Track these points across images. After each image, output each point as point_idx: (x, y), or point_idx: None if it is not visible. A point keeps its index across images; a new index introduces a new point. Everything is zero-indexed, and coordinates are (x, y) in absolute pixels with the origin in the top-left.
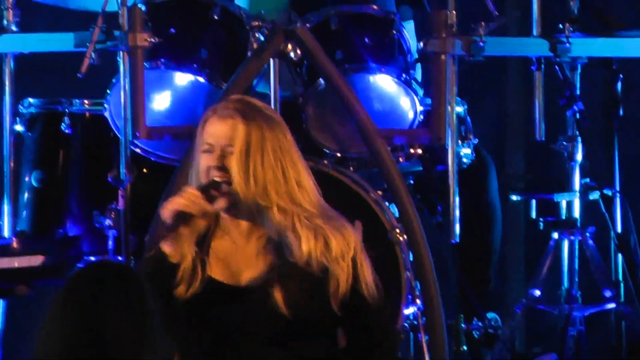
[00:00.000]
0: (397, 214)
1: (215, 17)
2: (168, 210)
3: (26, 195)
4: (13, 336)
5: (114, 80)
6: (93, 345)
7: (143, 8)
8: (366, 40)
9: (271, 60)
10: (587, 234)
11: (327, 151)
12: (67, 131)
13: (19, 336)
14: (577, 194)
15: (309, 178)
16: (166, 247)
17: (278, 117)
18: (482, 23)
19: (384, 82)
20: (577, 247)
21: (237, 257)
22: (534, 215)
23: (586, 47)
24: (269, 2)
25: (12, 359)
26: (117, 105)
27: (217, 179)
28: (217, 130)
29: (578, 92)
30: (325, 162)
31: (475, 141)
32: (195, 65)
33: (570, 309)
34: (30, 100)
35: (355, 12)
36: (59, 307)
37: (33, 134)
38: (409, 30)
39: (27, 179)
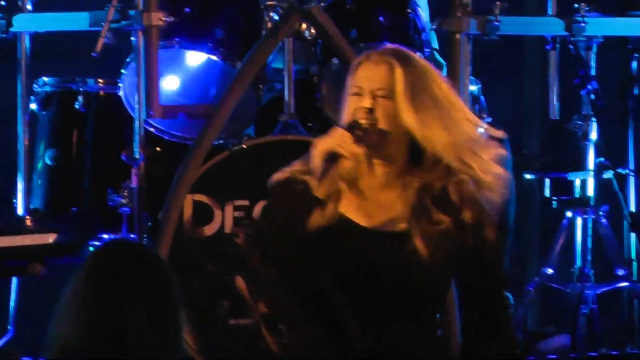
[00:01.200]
0: None
1: None
2: (318, 150)
3: (40, 173)
4: (25, 314)
5: (128, 60)
6: (114, 325)
7: None
8: (381, 19)
9: (286, 40)
10: (601, 213)
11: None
12: (81, 110)
13: (31, 314)
14: (591, 173)
15: (462, 125)
16: (313, 181)
17: (431, 66)
18: (497, 2)
19: None
20: (590, 225)
21: (376, 200)
22: (547, 193)
23: (601, 27)
24: None
25: (24, 337)
26: (131, 84)
27: (362, 121)
28: (368, 74)
29: (593, 71)
30: None
31: (489, 120)
32: (210, 45)
33: (583, 288)
34: (45, 79)
35: None
36: (80, 286)
37: (47, 112)
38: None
39: (41, 157)
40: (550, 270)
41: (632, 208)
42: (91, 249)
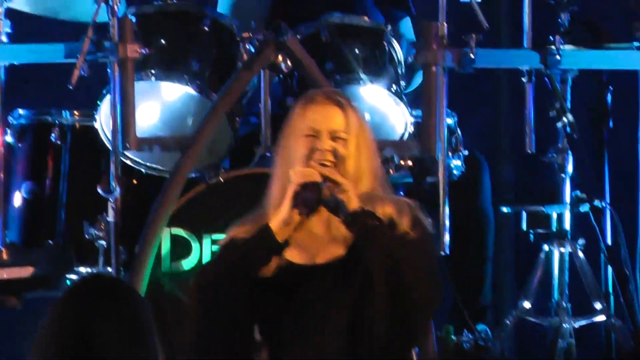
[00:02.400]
0: None
1: (206, 29)
2: (294, 184)
3: (16, 206)
4: (0, 347)
5: (104, 91)
6: (87, 356)
7: (133, 19)
8: (357, 51)
9: (262, 72)
10: (578, 246)
11: None
12: (57, 142)
13: (5, 347)
14: (568, 206)
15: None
16: (274, 224)
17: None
18: (473, 35)
19: (374, 94)
20: (567, 259)
21: (316, 242)
22: (524, 226)
23: (576, 60)
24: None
25: None
26: (107, 116)
27: (326, 162)
28: (323, 115)
29: (568, 104)
30: None
31: (466, 152)
32: (185, 77)
33: (560, 321)
34: (20, 111)
35: (345, 23)
36: (55, 320)
37: (23, 144)
38: (406, 27)
39: (17, 189)
40: (527, 304)
41: (609, 241)
42: (67, 282)
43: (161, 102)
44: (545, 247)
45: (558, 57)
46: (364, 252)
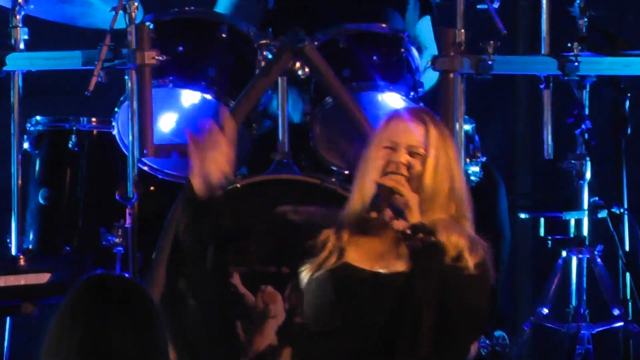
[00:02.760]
0: None
1: (223, 35)
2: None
3: (33, 213)
4: (18, 355)
5: (121, 99)
6: (96, 358)
7: (151, 26)
8: (374, 58)
9: (279, 79)
10: (596, 252)
11: (335, 169)
12: (74, 149)
13: (25, 354)
14: (586, 212)
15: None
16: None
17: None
18: (491, 42)
19: (392, 100)
20: (585, 265)
21: (380, 252)
22: (542, 233)
23: (594, 66)
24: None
25: None
26: (124, 123)
27: (399, 175)
28: (405, 129)
29: (586, 110)
30: (333, 179)
31: (484, 159)
32: (203, 83)
33: (578, 327)
34: (38, 118)
35: (363, 30)
36: (64, 321)
37: (40, 151)
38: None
39: (34, 196)
40: (545, 310)
41: (627, 247)
42: None
43: (178, 109)
44: (563, 254)
45: (576, 63)
46: (414, 269)
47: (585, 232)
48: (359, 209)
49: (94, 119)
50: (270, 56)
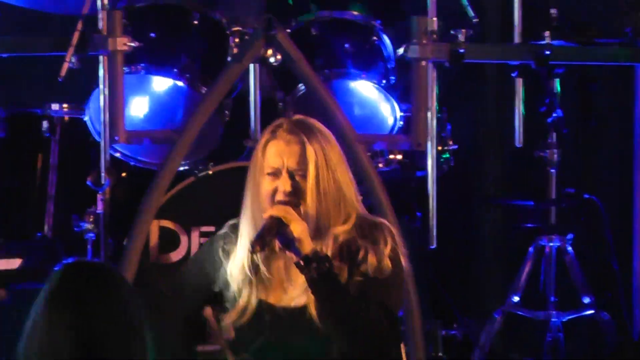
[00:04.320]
0: None
1: (195, 22)
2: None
3: (4, 198)
4: None
5: (93, 85)
6: (79, 345)
7: (123, 12)
8: (346, 46)
9: (251, 65)
10: (566, 240)
11: None
12: (46, 135)
13: None
14: (556, 201)
15: (352, 188)
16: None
17: (328, 131)
18: (463, 30)
19: (364, 88)
20: (555, 253)
21: (283, 284)
22: (513, 221)
23: (565, 55)
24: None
25: None
26: (96, 109)
27: (287, 201)
28: (282, 152)
29: (557, 99)
30: None
31: (455, 147)
32: (175, 70)
33: (549, 315)
34: (9, 104)
35: (335, 17)
36: (44, 309)
37: (12, 137)
38: None
39: (5, 182)
40: (516, 298)
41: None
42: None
43: (150, 96)
44: (534, 242)
45: (548, 52)
46: (315, 300)
47: (555, 220)
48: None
49: (65, 105)
50: (242, 43)
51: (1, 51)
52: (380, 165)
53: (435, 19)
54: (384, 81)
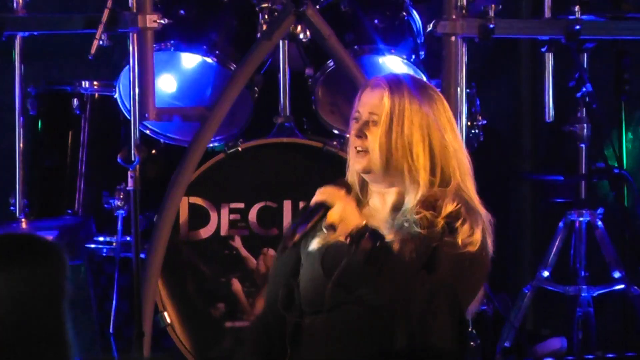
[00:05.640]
0: None
1: None
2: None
3: (36, 176)
4: None
5: (123, 62)
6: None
7: None
8: (376, 21)
9: (280, 42)
10: (597, 215)
11: (337, 132)
12: (76, 112)
13: None
14: (586, 175)
15: (448, 156)
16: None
17: (429, 92)
18: (492, 5)
19: (393, 63)
20: (585, 228)
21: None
22: (543, 196)
23: (596, 29)
24: None
25: None
26: (126, 86)
27: (357, 147)
28: (365, 100)
29: (587, 74)
30: (335, 142)
31: (484, 122)
32: (204, 47)
33: (579, 290)
34: (40, 81)
35: None
36: None
37: (43, 115)
38: None
39: (37, 159)
40: (546, 273)
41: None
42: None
43: (180, 73)
44: (565, 216)
45: (578, 27)
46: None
47: (585, 194)
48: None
49: (95, 83)
50: (272, 20)
51: (33, 29)
52: None
53: None
54: (413, 56)
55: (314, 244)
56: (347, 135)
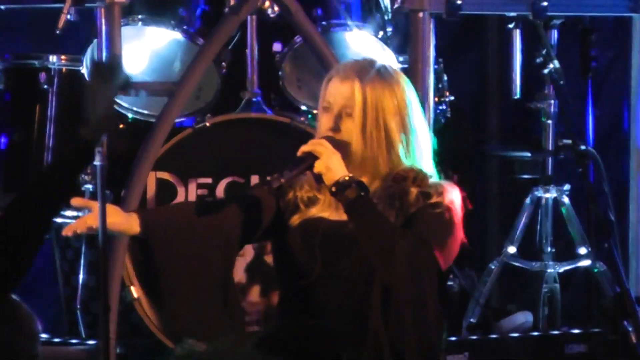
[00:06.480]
0: None
1: None
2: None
3: (2, 150)
4: None
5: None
6: None
7: None
8: None
9: (248, 17)
10: (563, 192)
11: (304, 108)
12: (43, 87)
13: None
14: (553, 152)
15: (417, 136)
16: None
17: (396, 77)
18: None
19: (361, 40)
20: (552, 204)
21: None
22: (510, 172)
23: (563, 6)
24: None
25: None
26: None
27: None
28: (337, 90)
29: (555, 51)
30: (302, 119)
31: (452, 98)
32: (172, 22)
33: (545, 266)
34: (7, 56)
35: None
36: None
37: (10, 89)
38: None
39: (2, 134)
40: (512, 249)
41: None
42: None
43: (148, 48)
44: (531, 193)
45: (545, 3)
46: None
47: (552, 171)
48: None
49: (63, 57)
50: None
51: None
52: None
53: None
54: (381, 32)
55: (295, 219)
56: (315, 112)
